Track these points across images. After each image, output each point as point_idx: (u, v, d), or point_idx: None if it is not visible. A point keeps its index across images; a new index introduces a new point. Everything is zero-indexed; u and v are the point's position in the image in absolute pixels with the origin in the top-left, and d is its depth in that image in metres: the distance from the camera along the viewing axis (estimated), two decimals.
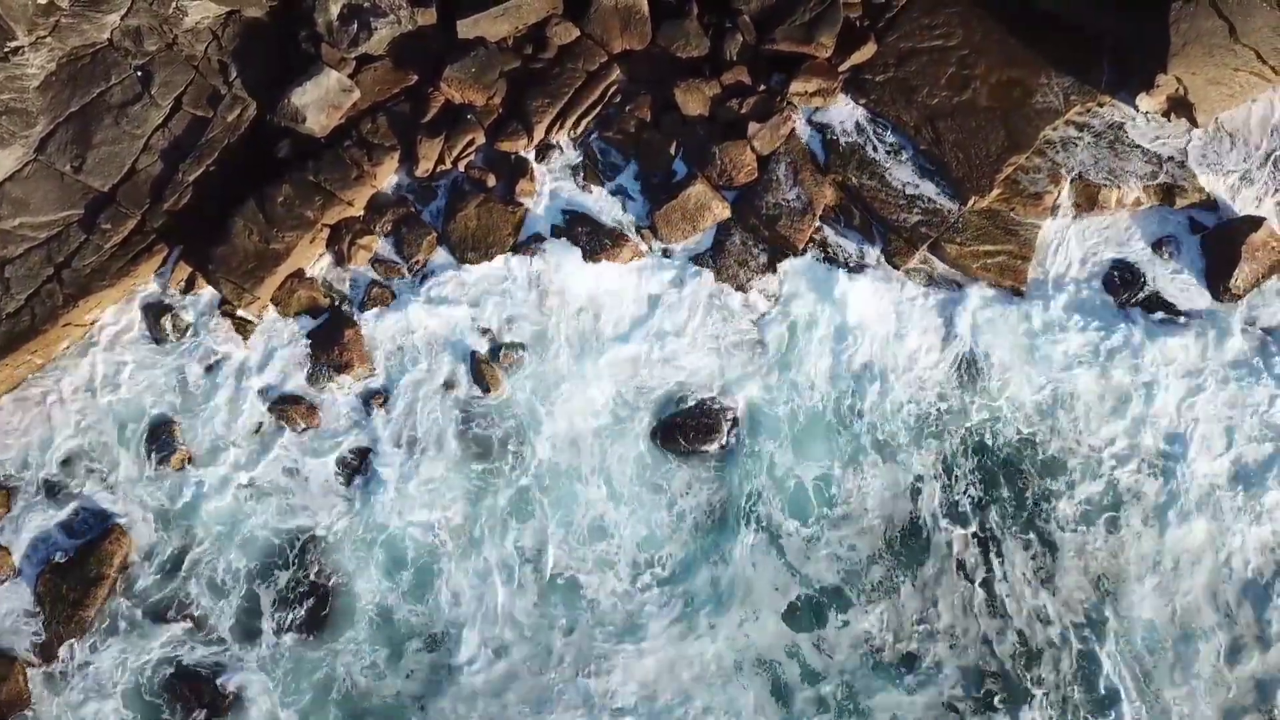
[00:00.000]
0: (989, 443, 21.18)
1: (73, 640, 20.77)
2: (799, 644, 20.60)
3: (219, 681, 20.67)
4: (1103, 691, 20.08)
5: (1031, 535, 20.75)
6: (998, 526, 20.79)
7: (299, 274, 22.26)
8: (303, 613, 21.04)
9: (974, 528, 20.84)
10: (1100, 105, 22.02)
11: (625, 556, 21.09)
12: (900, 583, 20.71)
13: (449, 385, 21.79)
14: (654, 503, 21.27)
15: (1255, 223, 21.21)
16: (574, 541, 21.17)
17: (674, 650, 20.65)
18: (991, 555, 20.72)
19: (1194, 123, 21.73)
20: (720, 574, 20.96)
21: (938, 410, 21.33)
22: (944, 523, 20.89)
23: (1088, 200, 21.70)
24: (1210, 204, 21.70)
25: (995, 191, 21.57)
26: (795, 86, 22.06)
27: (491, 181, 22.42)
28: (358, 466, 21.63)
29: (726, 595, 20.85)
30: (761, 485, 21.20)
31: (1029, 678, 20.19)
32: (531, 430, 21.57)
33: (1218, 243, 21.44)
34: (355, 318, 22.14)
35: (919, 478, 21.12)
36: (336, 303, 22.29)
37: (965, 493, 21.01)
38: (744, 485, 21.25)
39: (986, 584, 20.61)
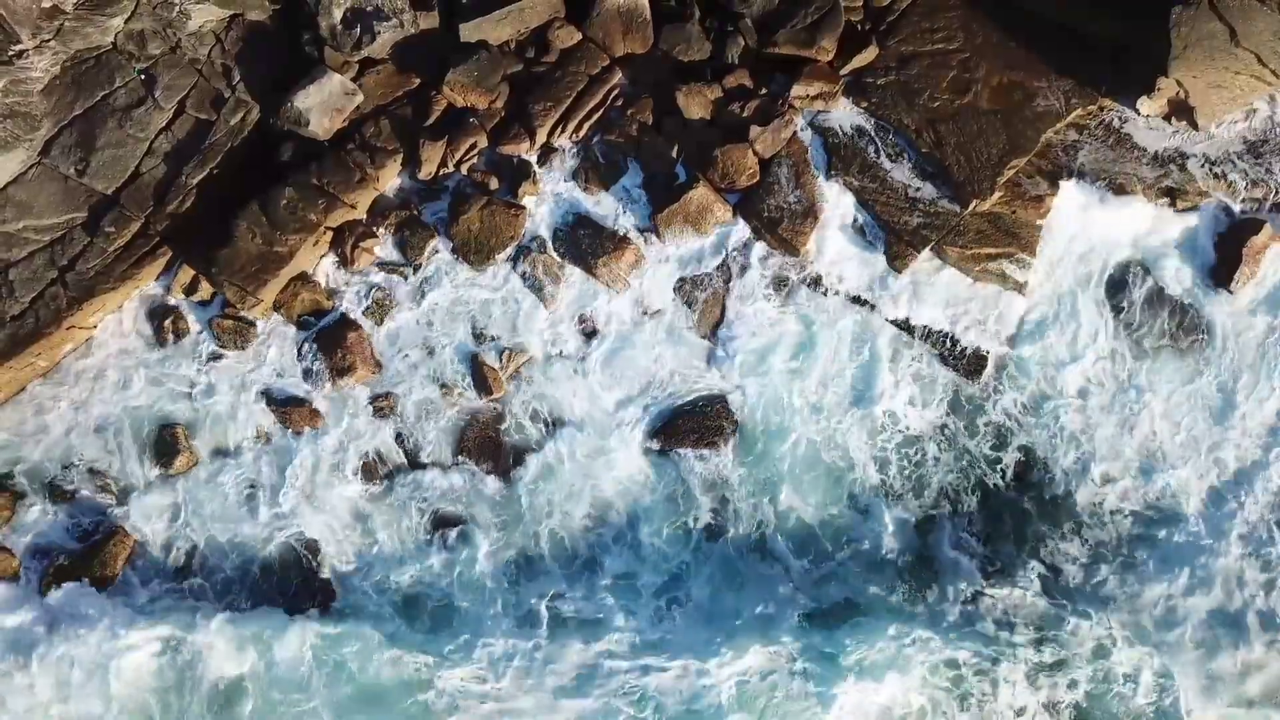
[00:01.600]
0: None
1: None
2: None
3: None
4: None
5: None
6: None
7: (302, 276, 22.30)
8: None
9: None
10: (1101, 108, 22.05)
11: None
12: None
13: (448, 387, 21.84)
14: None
15: (1256, 225, 21.26)
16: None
17: None
18: None
19: (1195, 126, 21.73)
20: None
21: None
22: None
23: None
24: (1209, 206, 21.71)
25: (996, 194, 21.61)
26: (797, 90, 22.10)
27: (494, 184, 22.47)
28: (366, 472, 21.76)
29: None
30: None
31: None
32: (530, 435, 21.74)
33: (1219, 245, 21.48)
34: (358, 320, 22.20)
35: None
36: (339, 305, 22.34)
37: None
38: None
39: None
